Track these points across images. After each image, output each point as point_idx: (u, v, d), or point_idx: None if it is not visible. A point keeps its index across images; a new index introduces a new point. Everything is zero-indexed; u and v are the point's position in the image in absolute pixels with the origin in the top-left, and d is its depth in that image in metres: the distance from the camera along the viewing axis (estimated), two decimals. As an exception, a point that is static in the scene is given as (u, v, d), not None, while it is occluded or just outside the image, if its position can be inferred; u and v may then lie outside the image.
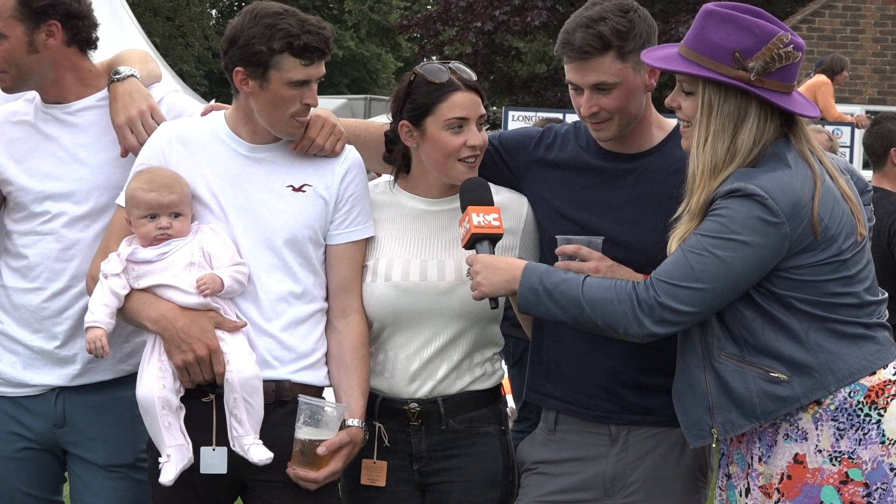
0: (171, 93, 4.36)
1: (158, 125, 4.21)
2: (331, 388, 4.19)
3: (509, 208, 4.21)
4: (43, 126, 4.29)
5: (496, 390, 4.29)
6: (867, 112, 18.10)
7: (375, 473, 4.19)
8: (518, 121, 16.46)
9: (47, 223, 4.25)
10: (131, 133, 4.19)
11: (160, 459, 4.01)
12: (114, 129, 4.23)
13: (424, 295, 4.15)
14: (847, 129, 15.73)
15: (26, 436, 4.33)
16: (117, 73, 4.29)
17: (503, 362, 4.49)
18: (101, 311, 4.03)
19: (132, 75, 4.29)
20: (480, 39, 25.14)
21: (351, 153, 4.20)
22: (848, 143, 15.43)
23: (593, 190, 4.14)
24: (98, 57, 4.40)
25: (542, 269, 3.85)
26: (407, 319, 4.17)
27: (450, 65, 4.16)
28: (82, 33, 4.24)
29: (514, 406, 8.31)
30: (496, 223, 3.95)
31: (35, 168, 4.25)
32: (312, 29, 4.01)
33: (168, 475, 3.98)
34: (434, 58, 26.94)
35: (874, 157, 7.03)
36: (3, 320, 4.34)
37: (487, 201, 4.00)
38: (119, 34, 17.83)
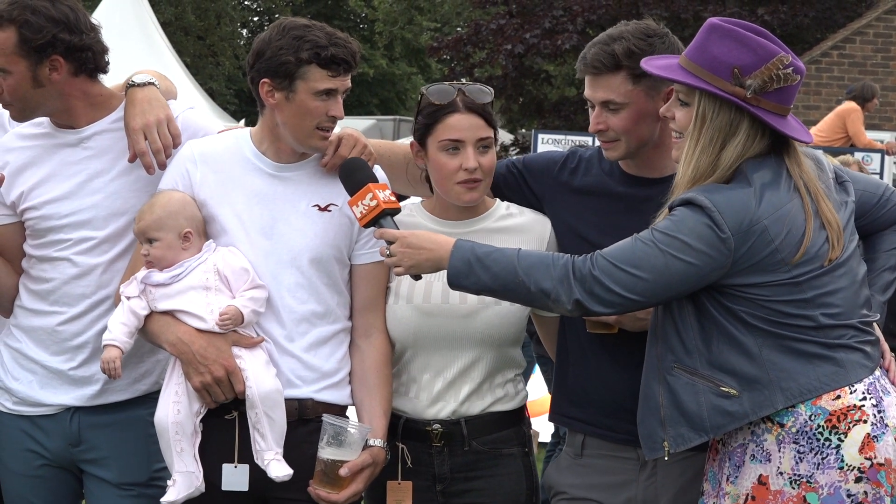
0: (186, 110, 4.34)
1: (173, 137, 4.21)
2: (353, 407, 4.19)
3: (532, 230, 4.22)
4: (57, 152, 4.28)
5: (519, 412, 4.28)
6: (897, 139, 18.02)
7: (401, 494, 4.18)
8: (548, 143, 16.47)
9: (64, 250, 4.25)
10: (144, 139, 4.18)
11: (168, 482, 4.03)
12: (126, 132, 4.21)
13: (446, 318, 4.14)
14: (877, 156, 15.68)
15: (43, 454, 4.33)
16: (136, 80, 4.28)
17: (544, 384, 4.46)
18: (118, 330, 4.05)
19: (151, 83, 4.28)
20: (510, 62, 25.14)
21: (377, 173, 4.18)
22: (878, 170, 15.38)
23: (616, 216, 4.14)
24: (126, 74, 4.40)
25: (474, 242, 3.85)
26: (428, 342, 4.16)
27: (461, 86, 4.15)
28: (88, 64, 4.22)
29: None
30: (393, 198, 3.98)
31: (51, 196, 4.25)
32: (340, 42, 4.03)
33: (168, 497, 4.00)
34: (464, 79, 27.03)
35: None
36: (21, 339, 4.34)
37: (375, 178, 4.01)
38: (150, 53, 17.94)
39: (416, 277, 3.97)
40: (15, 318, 4.37)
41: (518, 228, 4.21)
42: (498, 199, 4.28)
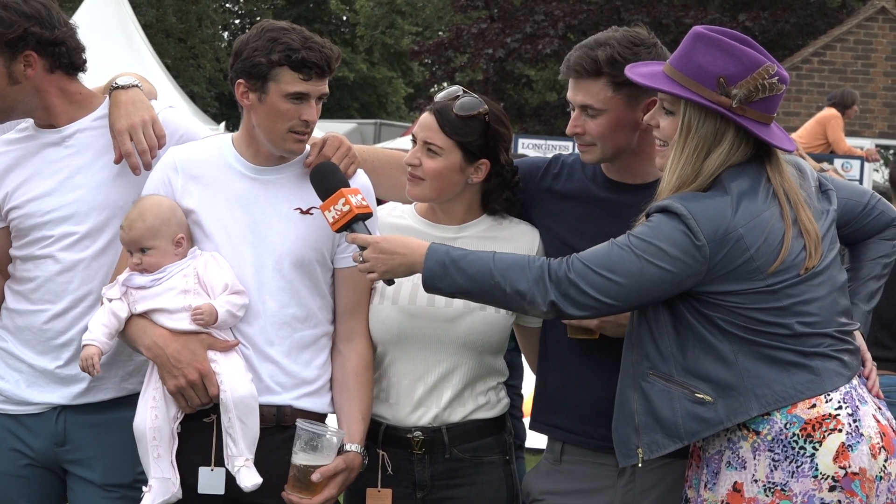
0: (165, 109, 4.35)
1: (158, 138, 4.21)
2: (333, 414, 4.18)
3: (521, 240, 4.21)
4: (40, 152, 4.28)
5: (501, 419, 4.26)
6: (877, 146, 18.11)
7: (381, 502, 4.16)
8: (528, 148, 16.50)
9: (47, 247, 4.25)
10: (130, 140, 4.19)
11: (143, 487, 4.03)
12: (111, 134, 4.22)
13: (430, 321, 4.13)
14: (857, 163, 15.75)
15: (28, 454, 4.32)
16: (120, 82, 4.29)
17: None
18: (98, 331, 4.04)
19: (136, 85, 4.30)
20: (491, 67, 25.23)
21: (360, 177, 4.19)
22: (857, 177, 15.44)
23: (599, 221, 4.13)
24: (108, 76, 4.40)
25: (449, 246, 3.87)
26: (410, 344, 4.15)
27: (460, 93, 4.15)
28: (63, 59, 4.22)
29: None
30: (365, 202, 3.98)
31: (34, 194, 4.25)
32: (315, 46, 4.02)
33: (144, 503, 3.99)
34: (444, 83, 27.06)
35: None
36: (7, 339, 4.34)
37: (346, 183, 4.02)
38: (131, 55, 17.93)
39: (389, 283, 3.96)
40: (1, 321, 4.37)
41: (507, 237, 4.20)
42: None
